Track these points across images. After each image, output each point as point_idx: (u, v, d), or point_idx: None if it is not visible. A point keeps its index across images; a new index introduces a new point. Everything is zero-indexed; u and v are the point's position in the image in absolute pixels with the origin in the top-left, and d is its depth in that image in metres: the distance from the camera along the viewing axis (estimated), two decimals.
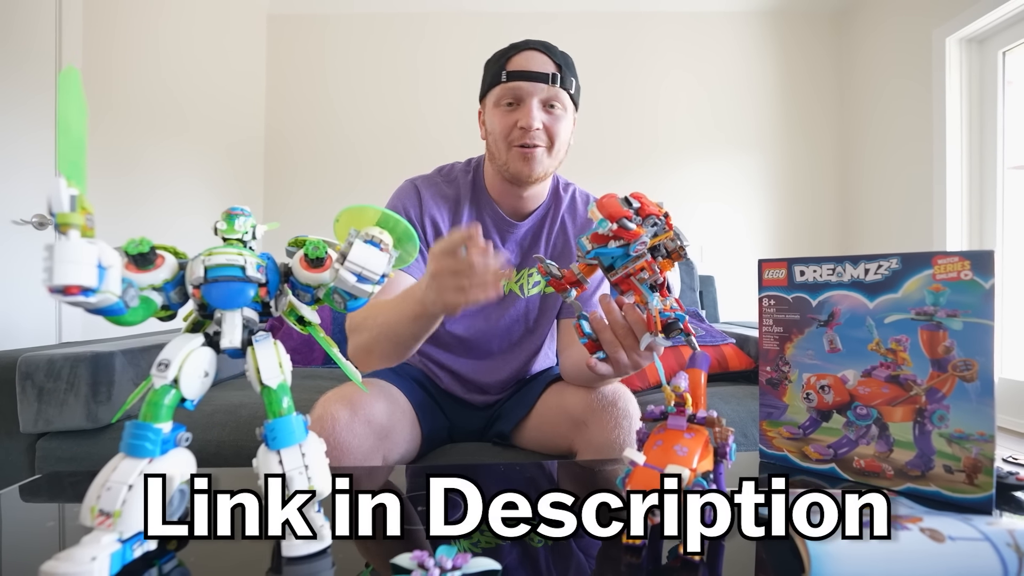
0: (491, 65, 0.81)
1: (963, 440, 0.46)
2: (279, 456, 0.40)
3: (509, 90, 0.76)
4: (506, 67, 0.76)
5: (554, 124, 0.77)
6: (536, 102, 0.75)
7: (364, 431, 0.68)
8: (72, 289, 0.31)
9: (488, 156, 0.84)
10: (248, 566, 0.39)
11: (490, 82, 0.79)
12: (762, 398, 0.60)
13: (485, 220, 0.85)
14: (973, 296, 0.45)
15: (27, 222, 1.66)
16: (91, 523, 0.35)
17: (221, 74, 2.44)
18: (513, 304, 0.86)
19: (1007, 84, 2.19)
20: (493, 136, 0.79)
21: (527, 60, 0.76)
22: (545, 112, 0.77)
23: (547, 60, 0.77)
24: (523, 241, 0.87)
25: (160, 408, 0.38)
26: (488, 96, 0.80)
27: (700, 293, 1.91)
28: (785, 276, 0.58)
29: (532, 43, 0.78)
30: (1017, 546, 0.33)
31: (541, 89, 0.75)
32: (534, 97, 0.75)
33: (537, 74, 0.75)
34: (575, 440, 0.75)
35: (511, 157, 0.77)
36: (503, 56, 0.78)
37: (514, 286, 0.86)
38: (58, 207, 0.32)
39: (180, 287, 0.41)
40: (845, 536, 0.34)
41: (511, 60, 0.77)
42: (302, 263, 0.42)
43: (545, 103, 0.76)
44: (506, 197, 0.84)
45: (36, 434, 0.86)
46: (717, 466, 0.43)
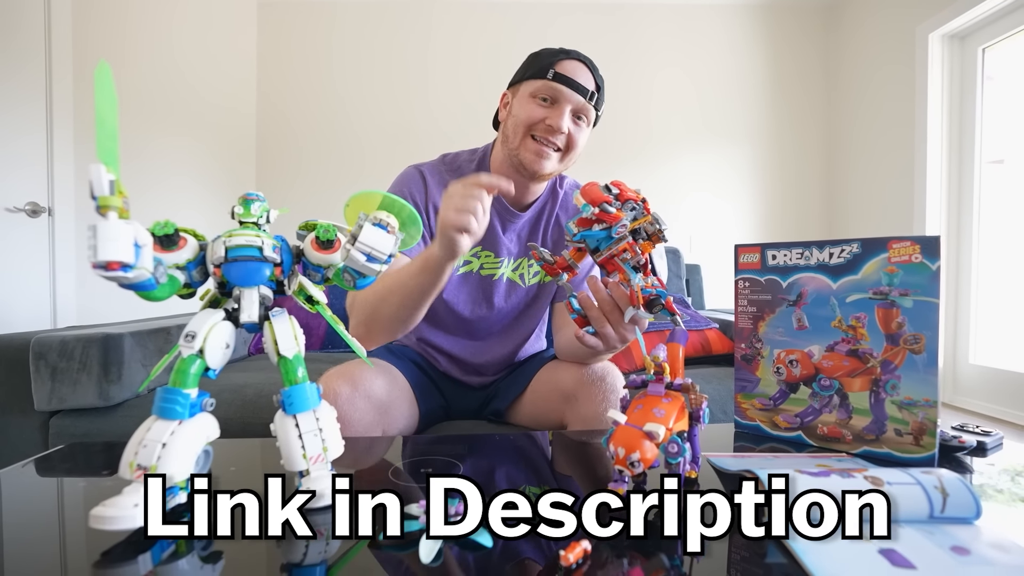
0: (538, 59, 0.83)
1: (911, 406, 0.52)
2: (295, 420, 0.44)
3: (551, 88, 0.79)
4: (555, 67, 0.80)
5: (577, 134, 0.82)
6: (569, 109, 0.80)
7: (365, 406, 0.73)
8: (113, 265, 0.35)
9: (501, 139, 0.87)
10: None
11: (532, 74, 0.81)
12: (737, 373, 0.65)
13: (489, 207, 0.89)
14: (922, 277, 0.50)
15: (20, 210, 1.66)
16: (130, 476, 0.39)
17: (210, 64, 2.43)
18: (514, 292, 0.90)
19: (986, 80, 2.25)
20: (516, 121, 0.82)
21: (575, 69, 0.80)
22: (572, 121, 0.81)
23: (590, 76, 0.81)
24: (521, 232, 0.90)
25: (187, 376, 0.41)
26: (524, 84, 0.83)
27: (687, 281, 1.97)
28: (759, 260, 0.62)
29: (582, 56, 0.82)
30: (943, 488, 0.38)
31: (578, 100, 0.80)
32: (570, 104, 0.80)
33: (581, 86, 0.79)
34: (566, 413, 0.80)
35: (526, 146, 0.81)
36: (555, 56, 0.81)
37: (515, 276, 0.90)
38: (99, 190, 0.35)
39: (201, 266, 0.45)
40: (845, 536, 0.35)
41: (561, 63, 0.80)
42: (313, 245, 0.46)
43: (575, 113, 0.81)
44: None
45: (49, 412, 0.90)
46: (692, 428, 0.48)
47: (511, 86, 0.87)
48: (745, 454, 0.57)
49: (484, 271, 0.88)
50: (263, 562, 0.37)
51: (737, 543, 0.37)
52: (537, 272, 0.90)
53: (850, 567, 0.32)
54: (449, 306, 0.88)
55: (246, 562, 0.37)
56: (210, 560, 0.36)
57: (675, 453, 0.42)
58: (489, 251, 0.88)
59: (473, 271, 0.88)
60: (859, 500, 0.36)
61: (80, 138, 1.84)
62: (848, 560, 0.33)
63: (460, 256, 0.65)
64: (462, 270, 0.88)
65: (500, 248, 0.88)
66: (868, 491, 0.37)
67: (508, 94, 0.87)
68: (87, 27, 1.84)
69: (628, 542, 0.37)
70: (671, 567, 0.34)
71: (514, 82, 0.86)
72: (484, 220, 0.62)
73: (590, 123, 0.84)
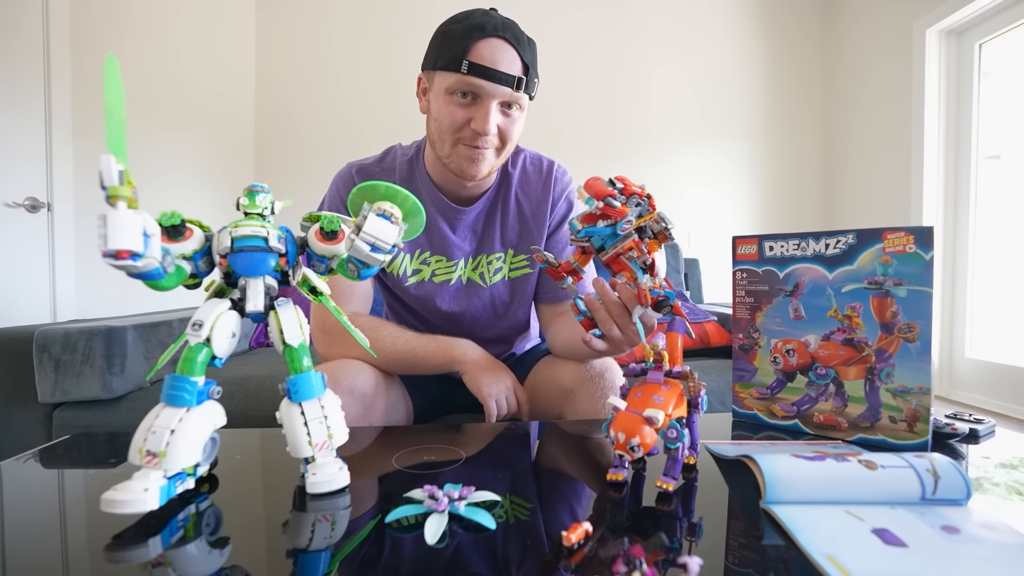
0: (447, 40, 0.69)
1: (905, 394, 0.53)
2: (301, 408, 0.45)
3: (467, 84, 0.67)
4: (467, 55, 0.66)
5: (509, 127, 0.72)
6: (495, 104, 0.69)
7: (347, 400, 0.70)
8: (123, 254, 0.36)
9: (428, 141, 0.78)
10: (276, 503, 0.44)
11: (444, 63, 0.68)
12: (735, 363, 0.66)
13: (428, 208, 0.80)
14: (916, 267, 0.51)
15: (20, 205, 1.66)
16: (139, 462, 0.39)
17: (209, 56, 2.42)
18: (477, 294, 0.85)
19: (983, 76, 2.26)
20: (438, 124, 0.72)
21: (493, 53, 0.66)
22: (502, 113, 0.71)
23: (515, 56, 0.68)
24: (475, 226, 0.84)
25: (195, 364, 0.42)
26: (438, 76, 0.70)
27: (685, 275, 1.98)
28: (756, 251, 0.63)
29: (500, 29, 0.68)
30: (934, 471, 0.39)
31: (503, 92, 0.68)
32: (494, 100, 0.68)
33: (503, 75, 0.66)
34: (564, 408, 0.81)
35: (456, 153, 0.72)
36: (465, 38, 0.67)
37: (475, 275, 0.84)
38: (109, 181, 0.36)
39: (207, 257, 0.45)
40: None
41: (474, 48, 0.66)
42: (317, 236, 0.47)
43: (503, 104, 0.70)
44: (449, 184, 0.80)
45: (53, 404, 0.90)
46: (691, 415, 0.49)
47: (424, 70, 0.75)
48: (743, 442, 0.58)
49: (437, 278, 0.83)
50: (271, 546, 0.38)
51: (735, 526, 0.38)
52: (499, 269, 0.84)
53: (844, 545, 0.33)
54: (419, 316, 0.87)
55: (253, 545, 0.38)
56: (218, 545, 0.37)
57: (674, 438, 0.43)
58: (440, 255, 0.83)
59: (425, 280, 0.83)
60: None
61: (79, 133, 1.84)
62: (842, 538, 0.34)
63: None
64: (412, 280, 0.83)
65: (453, 251, 0.83)
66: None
67: (423, 79, 0.75)
68: (86, 22, 1.84)
69: (628, 524, 0.38)
70: (669, 547, 0.35)
71: (427, 65, 0.73)
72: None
73: (523, 107, 0.72)
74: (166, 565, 0.34)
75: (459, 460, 0.52)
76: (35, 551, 0.36)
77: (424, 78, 0.76)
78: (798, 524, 0.36)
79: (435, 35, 0.73)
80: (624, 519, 0.39)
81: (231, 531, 0.39)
